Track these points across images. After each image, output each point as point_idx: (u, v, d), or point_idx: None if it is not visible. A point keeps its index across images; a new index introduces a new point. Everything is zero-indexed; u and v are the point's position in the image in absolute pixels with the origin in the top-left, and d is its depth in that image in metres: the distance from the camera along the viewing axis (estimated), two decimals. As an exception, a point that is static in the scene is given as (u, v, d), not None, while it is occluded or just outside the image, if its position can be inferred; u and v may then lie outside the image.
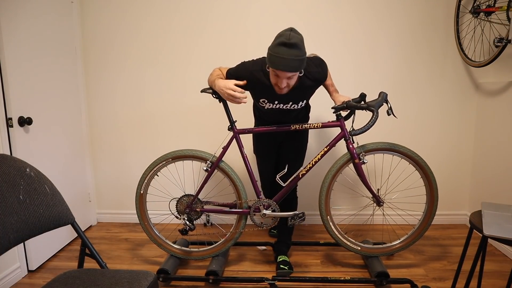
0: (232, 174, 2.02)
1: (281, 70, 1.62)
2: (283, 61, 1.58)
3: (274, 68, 1.63)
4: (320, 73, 1.85)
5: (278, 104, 1.90)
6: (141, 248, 2.45)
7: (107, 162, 2.84)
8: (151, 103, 2.74)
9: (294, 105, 1.91)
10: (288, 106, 1.92)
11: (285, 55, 1.58)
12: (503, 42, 2.05)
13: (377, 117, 1.77)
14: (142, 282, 1.17)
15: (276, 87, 1.75)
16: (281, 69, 1.61)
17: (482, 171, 2.55)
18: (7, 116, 1.96)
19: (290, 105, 1.92)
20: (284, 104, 1.91)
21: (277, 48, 1.59)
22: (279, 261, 2.09)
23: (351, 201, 2.76)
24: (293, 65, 1.60)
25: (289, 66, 1.59)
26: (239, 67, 1.88)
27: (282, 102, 1.89)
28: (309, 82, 1.84)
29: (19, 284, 2.01)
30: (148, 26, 2.64)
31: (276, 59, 1.59)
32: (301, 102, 1.92)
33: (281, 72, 1.63)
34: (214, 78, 1.87)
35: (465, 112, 2.64)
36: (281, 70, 1.61)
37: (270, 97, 1.88)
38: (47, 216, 1.28)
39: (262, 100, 1.92)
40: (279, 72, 1.64)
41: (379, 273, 1.89)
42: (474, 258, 1.39)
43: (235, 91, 1.77)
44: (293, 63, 1.59)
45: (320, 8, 2.55)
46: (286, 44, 1.57)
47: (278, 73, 1.65)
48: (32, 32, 2.13)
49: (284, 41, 1.57)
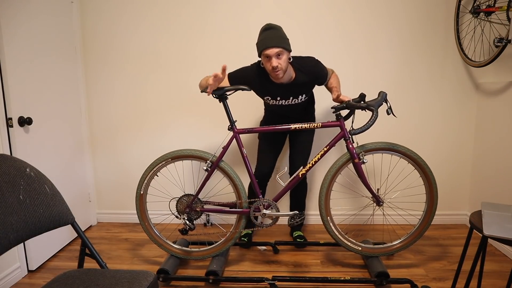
0: (232, 174, 2.02)
1: (268, 47, 1.82)
2: (268, 39, 1.83)
3: (263, 49, 1.83)
4: (314, 68, 2.01)
5: (281, 100, 2.08)
6: (141, 248, 2.45)
7: (107, 162, 2.84)
8: (151, 103, 2.74)
9: (295, 99, 2.08)
10: (289, 102, 2.09)
11: (268, 35, 1.84)
12: (503, 42, 2.05)
13: (377, 116, 1.77)
14: (142, 282, 1.17)
15: (272, 73, 1.90)
16: (268, 45, 1.82)
17: (482, 171, 2.55)
18: (7, 116, 1.96)
19: (291, 100, 2.09)
20: (286, 100, 2.08)
21: (262, 34, 1.87)
22: (295, 236, 2.45)
23: (351, 201, 2.76)
24: (277, 40, 1.83)
25: (273, 41, 1.82)
26: (240, 70, 2.06)
27: (284, 98, 2.07)
28: (304, 77, 2.00)
29: (19, 284, 2.01)
30: (148, 26, 2.64)
31: (262, 41, 1.85)
32: (300, 96, 2.08)
33: (270, 49, 1.82)
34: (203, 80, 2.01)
35: (465, 112, 2.64)
36: (268, 47, 1.82)
37: (272, 94, 2.06)
38: (47, 216, 1.28)
39: (266, 98, 2.10)
40: (268, 51, 1.82)
41: (379, 273, 1.89)
42: (474, 258, 1.39)
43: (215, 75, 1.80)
44: (276, 39, 1.83)
45: (320, 9, 2.55)
46: (267, 28, 1.86)
47: (267, 53, 1.83)
48: (32, 32, 2.13)
49: (265, 27, 1.87)
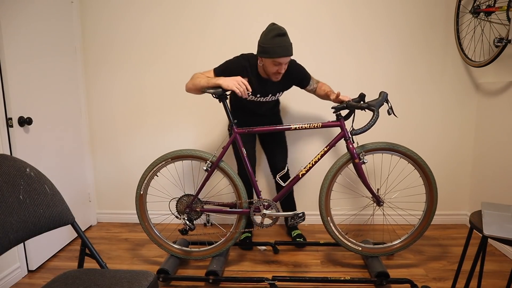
0: (232, 174, 2.02)
1: (285, 56, 1.85)
2: (284, 48, 1.84)
3: (278, 57, 1.84)
4: (301, 69, 2.12)
5: (260, 97, 2.11)
6: (141, 248, 2.45)
7: (107, 162, 2.84)
8: (151, 103, 2.74)
9: (272, 97, 2.15)
10: (267, 98, 2.14)
11: (284, 43, 1.84)
12: (503, 42, 2.05)
13: (378, 116, 1.77)
14: (142, 282, 1.17)
15: (274, 75, 1.95)
16: (285, 55, 1.84)
17: (482, 171, 2.55)
18: (7, 116, 1.96)
19: (269, 97, 2.14)
20: (265, 97, 2.12)
21: (275, 40, 1.83)
22: (295, 236, 2.46)
23: (351, 201, 2.76)
24: (291, 50, 1.87)
25: (289, 51, 1.86)
26: (227, 65, 2.01)
27: (263, 95, 2.11)
28: (291, 76, 2.08)
29: (19, 284, 2.01)
30: (147, 26, 2.64)
31: (278, 49, 1.83)
32: (278, 94, 2.16)
33: (284, 58, 1.85)
34: (204, 79, 1.94)
35: (465, 112, 2.64)
36: (284, 56, 1.84)
37: (254, 89, 2.05)
38: (47, 216, 1.28)
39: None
40: (281, 59, 1.85)
41: (379, 273, 1.89)
42: (474, 258, 1.39)
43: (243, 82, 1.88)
44: (290, 48, 1.86)
45: (320, 9, 2.55)
46: (281, 35, 1.84)
47: (280, 60, 1.86)
48: (32, 32, 2.13)
49: (279, 33, 1.84)
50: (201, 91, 1.96)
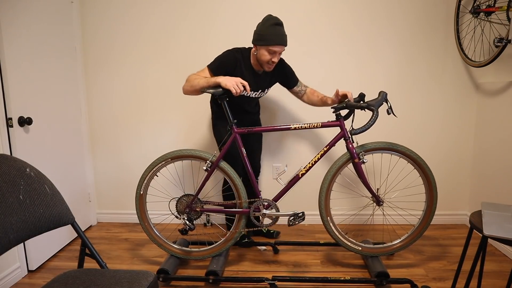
0: (232, 174, 2.02)
1: (280, 45, 1.90)
2: (280, 37, 1.90)
3: (274, 44, 1.89)
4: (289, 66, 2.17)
5: (252, 91, 2.10)
6: (141, 248, 2.45)
7: (107, 162, 2.84)
8: (151, 103, 2.74)
9: (262, 93, 2.16)
10: (257, 94, 2.15)
11: (280, 32, 1.90)
12: (503, 42, 2.05)
13: (377, 116, 1.77)
14: (142, 282, 1.17)
15: (267, 65, 1.98)
16: (280, 43, 1.90)
17: (482, 171, 2.55)
18: (7, 116, 1.96)
19: (259, 93, 2.15)
20: (255, 92, 2.12)
21: (272, 28, 1.89)
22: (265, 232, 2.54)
23: (351, 201, 2.76)
24: (286, 40, 1.93)
25: (284, 41, 1.92)
26: (220, 60, 2.00)
27: (254, 89, 2.10)
28: (281, 71, 2.13)
29: (19, 284, 2.01)
30: (147, 26, 2.64)
31: (274, 37, 1.89)
32: (266, 90, 2.19)
33: (279, 46, 1.91)
34: (203, 79, 1.93)
35: (465, 112, 2.64)
36: (280, 44, 1.90)
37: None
38: (47, 216, 1.28)
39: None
40: (277, 47, 1.90)
41: (379, 273, 1.89)
42: (474, 258, 1.39)
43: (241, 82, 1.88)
44: (285, 38, 1.93)
45: (321, 9, 2.55)
46: (278, 24, 1.90)
47: (275, 49, 1.90)
48: (32, 32, 2.13)
49: (276, 22, 1.90)
50: (200, 92, 1.96)
